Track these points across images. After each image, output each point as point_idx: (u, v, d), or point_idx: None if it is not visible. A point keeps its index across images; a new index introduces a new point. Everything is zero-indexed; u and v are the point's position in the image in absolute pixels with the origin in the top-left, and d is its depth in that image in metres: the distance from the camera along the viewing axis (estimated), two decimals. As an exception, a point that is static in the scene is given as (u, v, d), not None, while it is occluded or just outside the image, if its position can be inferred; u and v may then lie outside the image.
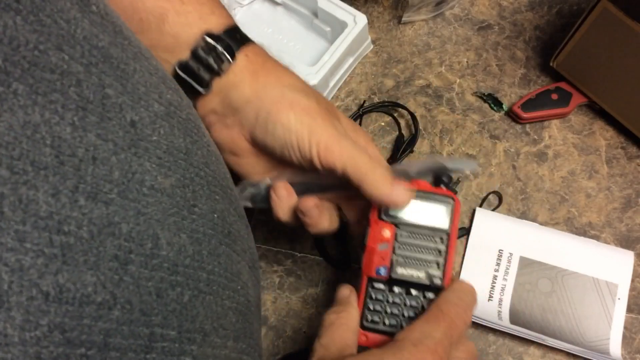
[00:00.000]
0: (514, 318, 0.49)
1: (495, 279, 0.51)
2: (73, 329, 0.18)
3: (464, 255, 0.52)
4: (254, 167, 0.41)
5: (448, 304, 0.34)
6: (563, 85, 0.57)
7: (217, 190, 0.30)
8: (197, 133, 0.30)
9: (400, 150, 0.56)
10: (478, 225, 0.53)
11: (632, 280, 0.50)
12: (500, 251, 0.52)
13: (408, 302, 0.37)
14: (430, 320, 0.33)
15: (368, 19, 0.57)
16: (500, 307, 0.50)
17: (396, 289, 0.37)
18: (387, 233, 0.37)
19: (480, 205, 0.54)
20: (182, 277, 0.24)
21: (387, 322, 0.37)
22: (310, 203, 0.39)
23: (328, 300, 0.53)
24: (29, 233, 0.17)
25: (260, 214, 0.56)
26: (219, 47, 0.37)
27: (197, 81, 0.38)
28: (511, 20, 0.62)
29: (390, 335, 0.36)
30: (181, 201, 0.26)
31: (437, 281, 0.37)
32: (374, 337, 0.37)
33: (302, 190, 0.40)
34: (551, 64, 0.57)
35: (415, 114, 0.58)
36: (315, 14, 0.59)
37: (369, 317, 0.37)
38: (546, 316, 0.49)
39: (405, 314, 0.36)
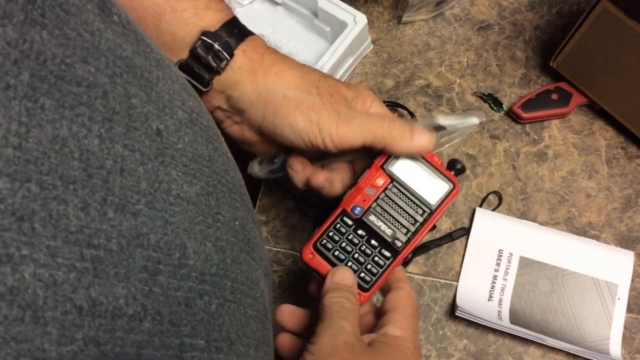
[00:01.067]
0: (514, 318, 0.49)
1: (495, 279, 0.51)
2: (107, 342, 0.18)
3: (464, 255, 0.52)
4: (267, 151, 0.43)
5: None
6: (563, 85, 0.57)
7: (237, 198, 0.30)
8: (217, 140, 0.30)
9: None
10: (478, 225, 0.53)
11: (632, 280, 0.50)
12: (500, 251, 0.52)
13: (363, 247, 0.39)
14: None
15: (368, 19, 0.57)
16: (500, 307, 0.50)
17: (360, 231, 0.39)
18: (379, 181, 0.40)
19: (480, 205, 0.54)
20: (209, 285, 0.24)
21: (336, 253, 0.39)
22: (321, 178, 0.41)
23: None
24: (60, 248, 0.17)
25: (260, 214, 0.56)
26: (216, 46, 0.37)
27: (197, 80, 0.38)
28: (511, 20, 0.62)
29: (331, 264, 0.39)
30: (206, 209, 0.26)
31: (398, 244, 0.39)
32: (319, 260, 0.39)
33: (316, 158, 0.42)
34: (551, 64, 0.57)
35: (415, 114, 0.58)
36: (315, 14, 0.59)
37: (324, 242, 0.39)
38: (546, 316, 0.49)
39: (356, 256, 0.39)
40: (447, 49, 0.61)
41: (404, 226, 0.39)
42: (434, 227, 0.54)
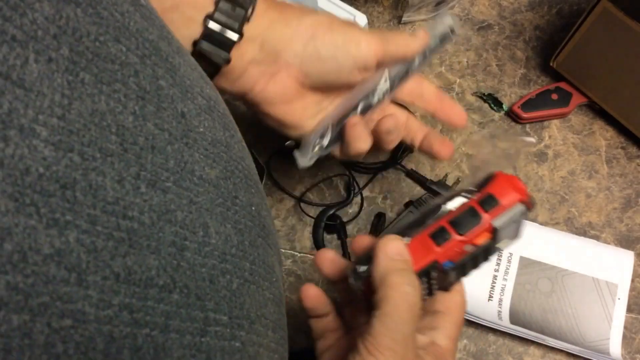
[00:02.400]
0: (514, 318, 0.49)
1: (495, 279, 0.51)
2: (139, 309, 0.19)
3: (464, 255, 0.52)
4: (305, 109, 0.43)
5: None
6: (563, 85, 0.57)
7: (252, 185, 0.30)
8: (233, 128, 0.30)
9: (400, 150, 0.56)
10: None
11: (632, 280, 0.50)
12: (500, 251, 0.52)
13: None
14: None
15: (368, 19, 0.57)
16: (500, 307, 0.50)
17: (433, 280, 0.34)
18: (481, 240, 0.34)
19: (480, 205, 0.54)
20: (230, 265, 0.25)
21: None
22: (389, 121, 0.42)
23: (328, 300, 0.53)
24: (99, 217, 0.18)
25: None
26: None
27: (230, 28, 0.38)
28: (511, 20, 0.62)
29: None
30: (225, 192, 0.26)
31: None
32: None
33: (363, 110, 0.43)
34: (551, 64, 0.57)
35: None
36: (315, 14, 0.59)
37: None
38: (546, 316, 0.49)
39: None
40: (447, 49, 0.61)
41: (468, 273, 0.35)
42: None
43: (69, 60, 0.18)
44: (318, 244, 0.54)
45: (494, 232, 0.34)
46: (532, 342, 0.50)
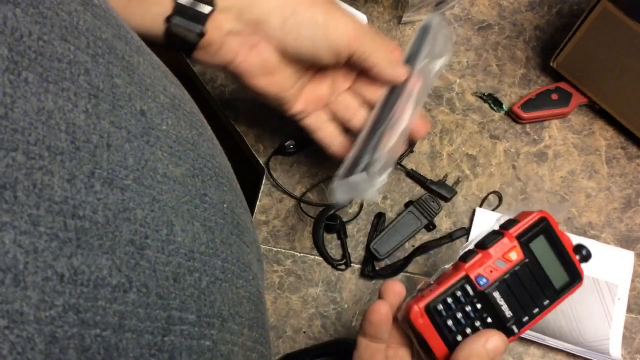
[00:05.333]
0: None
1: (495, 279, 0.51)
2: (87, 310, 0.18)
3: (464, 255, 0.52)
4: (286, 81, 0.42)
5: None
6: (563, 85, 0.57)
7: (224, 182, 0.30)
8: (202, 126, 0.30)
9: (400, 150, 0.56)
10: (478, 226, 0.53)
11: (632, 280, 0.50)
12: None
13: (477, 323, 0.35)
14: None
15: (368, 19, 0.57)
16: (500, 307, 0.50)
17: (479, 305, 0.35)
18: (513, 255, 0.36)
19: (480, 205, 0.54)
20: (198, 263, 0.25)
21: (448, 322, 0.35)
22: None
23: (328, 300, 0.53)
24: (42, 217, 0.18)
25: (260, 214, 0.56)
26: None
27: (201, 1, 0.38)
28: (511, 20, 0.62)
29: (438, 332, 0.34)
30: (192, 190, 0.26)
31: (514, 329, 0.35)
32: (427, 324, 0.34)
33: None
34: (551, 64, 0.57)
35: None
36: (315, 14, 0.59)
37: (439, 307, 0.35)
38: (546, 316, 0.49)
39: (467, 330, 0.35)
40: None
41: (523, 310, 0.35)
42: (434, 226, 0.54)
43: (9, 59, 0.18)
44: (318, 244, 0.54)
45: (523, 248, 0.36)
46: (532, 342, 0.50)
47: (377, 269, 0.53)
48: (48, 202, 0.18)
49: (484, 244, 0.36)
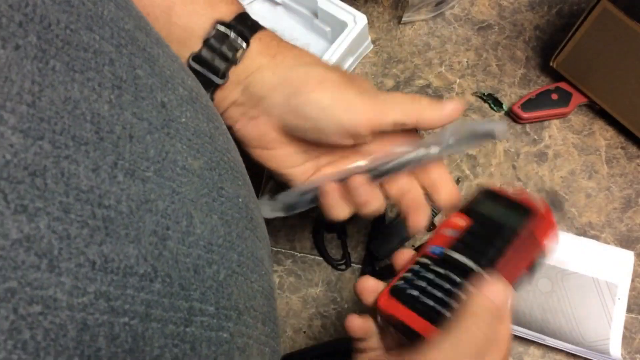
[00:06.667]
0: (514, 318, 0.49)
1: (495, 279, 0.51)
2: (117, 298, 0.19)
3: (464, 255, 0.52)
4: (286, 158, 0.40)
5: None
6: (563, 85, 0.57)
7: (239, 177, 0.30)
8: (217, 120, 0.30)
9: (400, 150, 0.56)
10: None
11: (632, 280, 0.50)
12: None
13: (445, 285, 0.33)
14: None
15: (368, 19, 0.57)
16: (500, 307, 0.50)
17: (440, 269, 0.34)
18: (460, 221, 0.36)
19: (480, 205, 0.54)
20: (216, 255, 0.25)
21: (417, 294, 0.33)
22: (358, 181, 0.38)
23: (328, 300, 0.53)
24: (72, 205, 0.18)
25: (260, 214, 0.56)
26: (232, 35, 0.37)
27: (212, 72, 0.37)
28: (511, 20, 0.62)
29: (414, 309, 0.33)
30: (210, 183, 0.26)
31: (484, 274, 0.33)
32: (398, 306, 0.33)
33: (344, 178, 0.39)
34: (551, 64, 0.57)
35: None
36: (315, 14, 0.59)
37: (402, 286, 0.34)
38: (546, 316, 0.49)
39: (438, 294, 0.33)
40: (447, 49, 0.61)
41: (487, 256, 0.34)
42: (434, 226, 0.54)
43: (38, 47, 0.18)
44: (318, 244, 0.54)
45: (466, 214, 0.36)
46: (532, 342, 0.50)
47: (377, 269, 0.53)
48: (76, 190, 0.18)
49: (430, 227, 0.38)
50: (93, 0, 0.22)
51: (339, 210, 0.39)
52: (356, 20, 0.56)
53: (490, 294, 0.30)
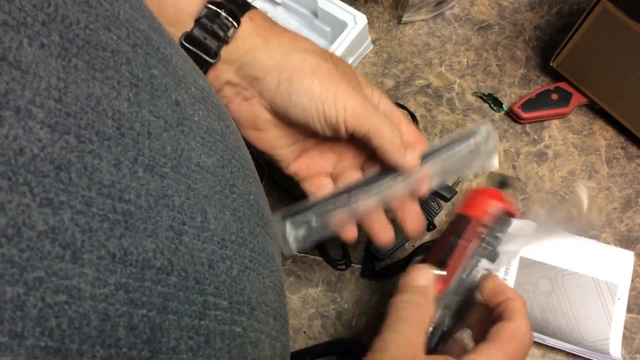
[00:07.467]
0: (514, 318, 0.49)
1: (495, 279, 0.51)
2: (136, 290, 0.19)
3: (464, 255, 0.52)
4: (276, 140, 0.41)
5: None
6: (563, 85, 0.57)
7: (250, 174, 0.30)
8: (228, 118, 0.31)
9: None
10: (478, 225, 0.53)
11: (632, 280, 0.50)
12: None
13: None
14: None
15: (368, 19, 0.57)
16: (500, 307, 0.50)
17: None
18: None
19: (480, 205, 0.54)
20: (230, 251, 0.25)
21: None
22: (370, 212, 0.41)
23: (328, 300, 0.53)
24: (94, 199, 0.18)
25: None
26: (223, 13, 0.37)
27: (204, 51, 0.37)
28: (511, 20, 0.62)
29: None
30: (223, 180, 0.27)
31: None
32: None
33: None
34: (551, 64, 0.57)
35: (416, 114, 0.58)
36: (315, 14, 0.59)
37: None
38: (546, 316, 0.49)
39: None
40: (447, 49, 0.61)
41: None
42: (434, 226, 0.54)
43: (61, 46, 0.19)
44: (318, 244, 0.54)
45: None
46: (532, 342, 0.50)
47: (377, 269, 0.53)
48: (98, 184, 0.19)
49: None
50: (110, 1, 0.22)
51: (353, 233, 0.42)
52: (356, 20, 0.56)
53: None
